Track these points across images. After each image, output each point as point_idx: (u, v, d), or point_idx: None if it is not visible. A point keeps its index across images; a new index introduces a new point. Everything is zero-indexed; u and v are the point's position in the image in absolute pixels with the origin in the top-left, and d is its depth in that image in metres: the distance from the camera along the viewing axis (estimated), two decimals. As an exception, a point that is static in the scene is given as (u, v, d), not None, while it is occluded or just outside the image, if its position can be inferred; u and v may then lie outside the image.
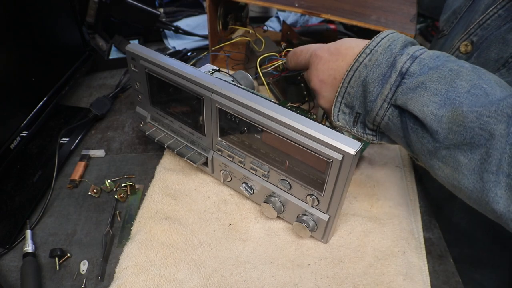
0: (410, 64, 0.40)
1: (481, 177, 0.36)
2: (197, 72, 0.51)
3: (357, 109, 0.45)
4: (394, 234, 0.52)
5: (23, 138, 0.60)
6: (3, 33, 0.56)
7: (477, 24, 0.52)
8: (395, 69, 0.41)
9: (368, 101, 0.43)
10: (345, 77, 0.44)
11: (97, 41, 0.90)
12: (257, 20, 1.06)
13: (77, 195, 0.60)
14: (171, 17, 1.03)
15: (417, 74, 0.40)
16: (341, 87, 0.45)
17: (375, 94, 0.42)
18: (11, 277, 0.50)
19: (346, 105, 0.46)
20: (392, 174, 0.61)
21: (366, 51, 0.43)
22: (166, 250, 0.50)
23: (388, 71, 0.41)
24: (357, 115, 0.46)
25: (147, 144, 0.69)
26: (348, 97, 0.45)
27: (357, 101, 0.45)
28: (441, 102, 0.37)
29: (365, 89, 0.43)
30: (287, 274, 0.49)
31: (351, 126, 0.47)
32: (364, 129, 0.46)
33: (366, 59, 0.43)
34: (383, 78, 0.42)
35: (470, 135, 0.36)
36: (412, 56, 0.41)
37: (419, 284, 0.48)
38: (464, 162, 0.37)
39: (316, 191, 0.47)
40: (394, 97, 0.41)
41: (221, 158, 0.55)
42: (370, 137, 0.47)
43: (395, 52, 0.42)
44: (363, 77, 0.43)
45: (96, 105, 0.73)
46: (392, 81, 0.41)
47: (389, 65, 0.41)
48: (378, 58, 0.42)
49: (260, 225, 0.54)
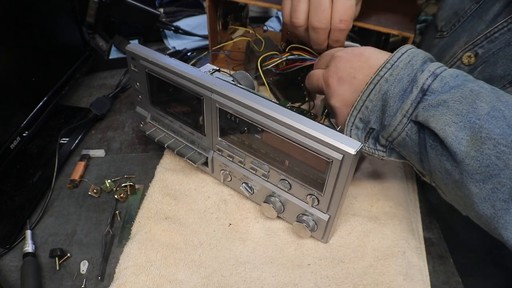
0: (432, 81, 0.40)
1: (493, 204, 0.37)
2: (197, 72, 0.51)
3: (372, 124, 0.45)
4: (394, 234, 0.52)
5: (23, 138, 0.60)
6: (3, 33, 0.56)
7: (483, 36, 0.51)
8: (417, 85, 0.41)
9: (387, 116, 0.43)
10: (364, 90, 0.44)
11: (97, 41, 0.90)
12: (257, 20, 1.06)
13: (77, 195, 0.60)
14: (171, 17, 1.03)
15: (439, 92, 0.40)
16: (359, 100, 0.45)
17: (395, 109, 0.42)
18: (11, 277, 0.50)
19: (361, 120, 0.46)
20: (392, 174, 0.61)
21: (387, 65, 0.43)
22: (166, 250, 0.50)
23: (409, 87, 0.41)
24: (370, 130, 0.46)
25: (147, 144, 0.69)
26: (365, 111, 0.45)
27: (373, 115, 0.45)
28: (462, 124, 0.38)
29: (384, 103, 0.43)
30: (287, 274, 0.49)
31: (362, 141, 0.47)
32: (375, 145, 0.47)
33: (387, 74, 0.43)
34: (404, 93, 0.42)
35: (486, 163, 0.36)
36: (434, 74, 0.41)
37: (419, 284, 0.48)
38: (475, 192, 0.38)
39: (316, 191, 0.47)
40: (415, 113, 0.41)
41: (221, 158, 0.55)
42: (381, 153, 0.47)
43: (416, 68, 0.42)
44: (384, 91, 0.43)
45: (96, 105, 0.73)
46: (414, 97, 0.41)
47: (410, 80, 0.42)
48: (399, 73, 0.42)
49: (260, 225, 0.54)
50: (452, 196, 0.43)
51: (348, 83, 0.47)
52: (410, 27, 0.64)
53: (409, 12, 0.68)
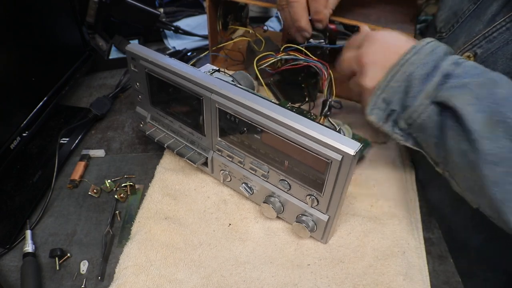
0: (454, 68, 0.43)
1: (504, 188, 0.39)
2: (197, 72, 0.51)
3: (394, 105, 0.47)
4: (394, 234, 0.52)
5: (23, 138, 0.60)
6: (3, 33, 0.56)
7: (482, 36, 0.51)
8: (440, 70, 0.43)
9: (410, 97, 0.45)
10: (390, 71, 0.46)
11: (97, 41, 0.90)
12: (257, 20, 1.06)
13: (77, 195, 0.60)
14: (171, 17, 1.03)
15: (461, 77, 0.42)
16: (383, 80, 0.47)
17: (417, 90, 0.44)
18: (11, 277, 0.50)
19: (384, 100, 0.47)
20: (392, 174, 0.61)
21: (413, 50, 0.45)
22: (166, 250, 0.50)
23: (433, 71, 0.44)
24: (391, 112, 0.47)
25: (147, 144, 0.69)
26: (390, 91, 0.46)
27: (396, 96, 0.46)
28: (480, 106, 0.40)
29: (408, 84, 0.45)
30: (287, 274, 0.49)
31: (383, 122, 0.48)
32: (393, 128, 0.48)
33: (414, 57, 0.45)
34: (427, 77, 0.44)
35: (499, 145, 0.38)
36: (456, 62, 0.43)
37: (419, 284, 0.48)
38: (488, 174, 0.39)
39: (316, 192, 0.47)
40: (437, 94, 0.43)
41: (221, 158, 0.55)
42: (398, 136, 0.48)
43: (439, 57, 0.44)
44: (409, 72, 0.45)
45: (96, 105, 0.73)
46: (437, 80, 0.43)
47: (434, 66, 0.44)
48: (424, 58, 0.44)
49: (260, 225, 0.54)
50: (466, 183, 0.44)
51: (381, 66, 0.48)
52: (410, 27, 0.64)
53: (409, 12, 0.68)
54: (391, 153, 0.65)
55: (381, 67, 0.48)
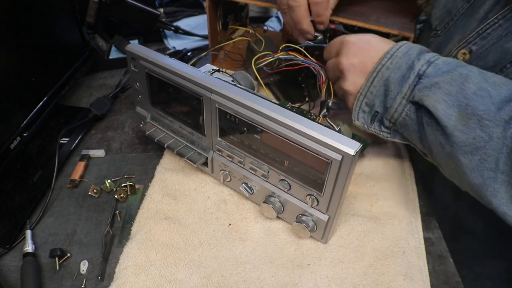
0: (427, 68, 0.46)
1: (481, 174, 0.41)
2: (197, 72, 0.51)
3: (377, 107, 0.50)
4: (394, 234, 0.52)
5: (23, 138, 0.60)
6: (3, 33, 0.56)
7: (476, 33, 0.52)
8: (413, 71, 0.46)
9: (389, 99, 0.48)
10: (369, 78, 0.50)
11: (97, 41, 0.90)
12: (257, 20, 1.06)
13: (77, 195, 0.60)
14: (171, 17, 1.03)
15: (432, 76, 0.45)
16: (364, 87, 0.50)
17: (395, 92, 0.47)
18: (11, 277, 0.50)
19: (367, 104, 0.51)
20: (392, 174, 0.61)
21: (387, 55, 0.49)
22: (166, 250, 0.50)
23: (407, 73, 0.47)
24: (375, 113, 0.51)
25: (147, 144, 0.69)
26: (370, 96, 0.50)
27: (377, 99, 0.50)
28: (451, 102, 0.43)
29: (386, 88, 0.48)
30: (287, 274, 0.49)
31: (369, 124, 0.52)
32: (380, 127, 0.52)
33: (388, 62, 0.48)
34: (402, 78, 0.47)
35: (472, 135, 0.41)
36: (428, 61, 0.46)
37: (419, 284, 0.48)
38: (465, 163, 0.42)
39: (316, 192, 0.47)
40: (412, 94, 0.46)
41: (221, 158, 0.55)
42: (386, 134, 0.52)
43: (412, 57, 0.47)
44: (385, 77, 0.48)
45: (96, 105, 0.73)
46: (411, 81, 0.46)
47: (408, 67, 0.47)
48: (398, 61, 0.48)
49: (260, 225, 0.54)
50: (449, 170, 0.47)
51: (358, 70, 0.51)
52: (410, 27, 0.64)
53: (409, 12, 0.68)
54: (391, 153, 0.65)
55: (359, 71, 0.51)
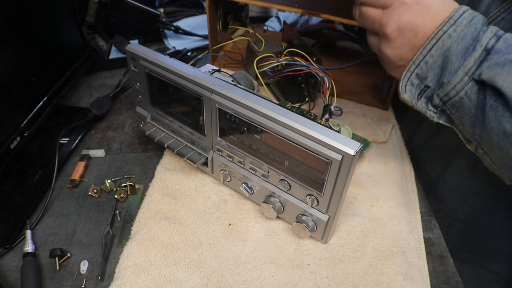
0: (495, 41, 0.40)
1: None
2: (197, 72, 0.51)
3: (428, 81, 0.44)
4: (394, 234, 0.52)
5: (23, 138, 0.60)
6: (3, 33, 0.56)
7: None
8: (480, 43, 0.40)
9: (447, 73, 0.42)
10: (426, 45, 0.43)
11: (97, 41, 0.90)
12: (257, 20, 1.06)
13: (77, 195, 0.60)
14: (171, 17, 1.03)
15: (503, 52, 0.39)
16: (418, 55, 0.43)
17: (457, 66, 0.41)
18: (11, 277, 0.50)
19: (418, 76, 0.44)
20: (392, 174, 0.61)
21: (450, 21, 0.42)
22: (166, 250, 0.50)
23: (472, 45, 0.41)
24: (425, 88, 0.45)
25: (147, 144, 0.69)
26: (424, 66, 0.44)
27: (432, 72, 0.43)
28: None
29: (445, 60, 0.42)
30: (287, 274, 0.49)
31: (416, 99, 0.46)
32: (427, 104, 0.45)
33: (451, 29, 0.41)
34: (466, 51, 0.41)
35: None
36: (496, 35, 0.41)
37: (419, 284, 0.48)
38: None
39: (316, 192, 0.47)
40: (478, 71, 0.40)
41: (221, 158, 0.55)
42: (432, 113, 0.46)
43: (478, 28, 0.41)
44: (446, 47, 0.42)
45: (96, 105, 0.73)
46: (477, 55, 0.40)
47: (473, 38, 0.41)
48: (462, 30, 0.41)
49: (260, 225, 0.54)
50: (503, 161, 0.42)
51: (408, 39, 0.44)
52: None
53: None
54: (391, 153, 0.65)
55: (408, 40, 0.44)
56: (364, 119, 0.70)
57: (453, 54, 0.41)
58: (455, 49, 0.41)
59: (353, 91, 0.76)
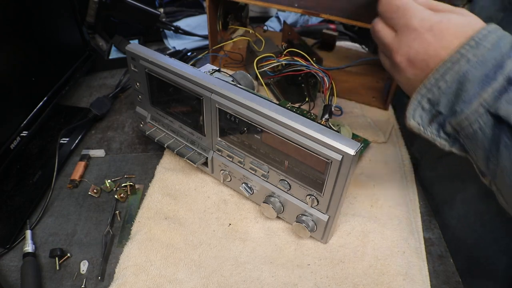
0: None
1: None
2: (197, 72, 0.51)
3: (441, 107, 0.39)
4: (394, 234, 0.52)
5: (23, 138, 0.60)
6: (3, 33, 0.56)
7: None
8: (503, 71, 0.35)
9: (461, 101, 0.37)
10: (439, 68, 0.38)
11: (97, 41, 0.90)
12: (257, 20, 1.06)
13: (77, 195, 0.60)
14: (171, 17, 1.03)
15: None
16: (431, 78, 0.38)
17: (472, 95, 0.36)
18: (11, 277, 0.50)
19: (429, 101, 0.39)
20: (392, 174, 0.61)
21: (471, 42, 0.36)
22: (166, 250, 0.50)
23: (492, 72, 0.35)
24: (436, 113, 0.40)
25: (147, 144, 0.69)
26: (437, 91, 0.38)
27: (445, 98, 0.38)
28: None
29: (460, 86, 0.37)
30: (287, 274, 0.49)
31: (426, 125, 0.40)
32: (439, 131, 0.40)
33: (471, 54, 0.36)
34: (485, 78, 0.35)
35: None
36: None
37: (419, 284, 0.48)
38: None
39: (316, 192, 0.47)
40: (496, 104, 0.35)
41: (221, 158, 0.55)
42: (443, 142, 0.40)
43: (504, 52, 0.35)
44: (463, 72, 0.36)
45: (96, 105, 0.73)
46: (498, 85, 0.34)
47: (496, 65, 0.35)
48: (484, 54, 0.36)
49: (260, 225, 0.54)
50: None
51: (420, 69, 0.40)
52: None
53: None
54: (391, 153, 0.65)
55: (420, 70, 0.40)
56: (364, 119, 0.70)
57: (469, 80, 0.36)
58: (472, 75, 0.36)
59: (353, 91, 0.76)
